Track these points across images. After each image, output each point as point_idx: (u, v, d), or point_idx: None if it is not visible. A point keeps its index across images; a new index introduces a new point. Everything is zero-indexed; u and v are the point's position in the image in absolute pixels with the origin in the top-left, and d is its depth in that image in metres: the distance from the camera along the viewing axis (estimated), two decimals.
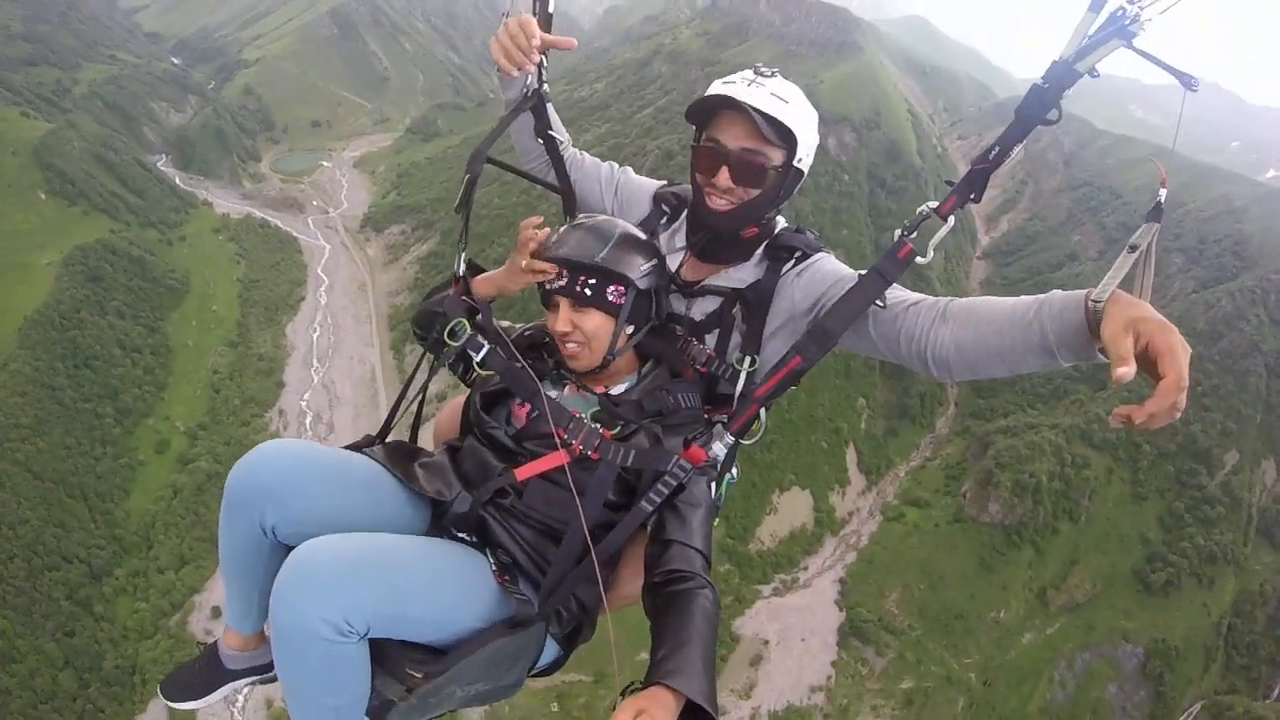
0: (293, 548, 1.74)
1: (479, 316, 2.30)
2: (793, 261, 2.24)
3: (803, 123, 2.12)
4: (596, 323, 2.12)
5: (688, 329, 2.34)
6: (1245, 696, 53.81)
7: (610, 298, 2.12)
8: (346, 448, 2.22)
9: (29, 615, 47.55)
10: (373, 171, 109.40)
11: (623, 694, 1.46)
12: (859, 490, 65.88)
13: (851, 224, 77.14)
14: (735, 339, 2.29)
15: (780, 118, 2.06)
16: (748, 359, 2.23)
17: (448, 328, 2.24)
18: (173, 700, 2.35)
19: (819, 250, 2.26)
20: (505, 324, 2.44)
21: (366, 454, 2.16)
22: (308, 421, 65.46)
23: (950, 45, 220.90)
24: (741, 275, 2.30)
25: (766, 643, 54.03)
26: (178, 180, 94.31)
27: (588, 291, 2.11)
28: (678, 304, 2.37)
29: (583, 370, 2.20)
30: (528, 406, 2.16)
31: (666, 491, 1.93)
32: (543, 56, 2.37)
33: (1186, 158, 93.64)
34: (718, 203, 2.20)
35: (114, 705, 46.15)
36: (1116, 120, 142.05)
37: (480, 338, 2.23)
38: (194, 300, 75.70)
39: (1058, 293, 1.71)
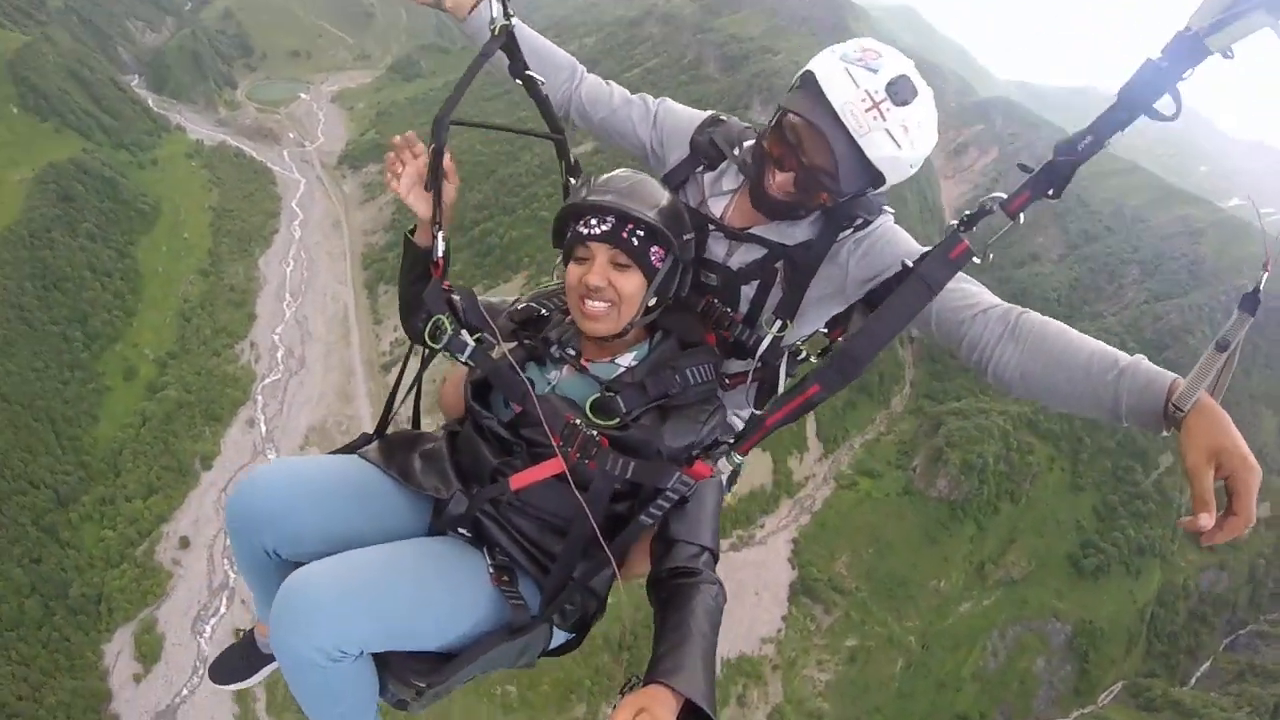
0: (299, 562, 1.78)
1: (462, 306, 2.08)
2: (852, 229, 2.03)
3: (903, 163, 1.87)
4: (635, 285, 1.92)
5: (723, 278, 2.15)
6: (1164, 681, 56.52)
7: (652, 259, 1.92)
8: (342, 450, 2.17)
9: None
10: (351, 108, 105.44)
11: (621, 691, 1.43)
12: (816, 457, 66.59)
13: None
14: (776, 295, 2.12)
15: (880, 164, 1.85)
16: (779, 323, 2.08)
17: (428, 326, 2.02)
18: (220, 682, 2.51)
19: (880, 213, 2.05)
20: (494, 301, 2.26)
21: (362, 455, 2.09)
22: (279, 356, 64.09)
23: (938, 39, 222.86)
24: (794, 232, 2.08)
25: None
26: (151, 102, 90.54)
27: (635, 241, 1.90)
28: (717, 248, 2.16)
29: (598, 335, 1.98)
30: None
31: (667, 506, 1.82)
32: None
33: (1155, 176, 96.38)
34: (775, 189, 1.99)
35: (79, 634, 45.07)
36: None
37: (464, 335, 2.02)
38: (165, 226, 73.18)
39: (1140, 365, 1.61)
